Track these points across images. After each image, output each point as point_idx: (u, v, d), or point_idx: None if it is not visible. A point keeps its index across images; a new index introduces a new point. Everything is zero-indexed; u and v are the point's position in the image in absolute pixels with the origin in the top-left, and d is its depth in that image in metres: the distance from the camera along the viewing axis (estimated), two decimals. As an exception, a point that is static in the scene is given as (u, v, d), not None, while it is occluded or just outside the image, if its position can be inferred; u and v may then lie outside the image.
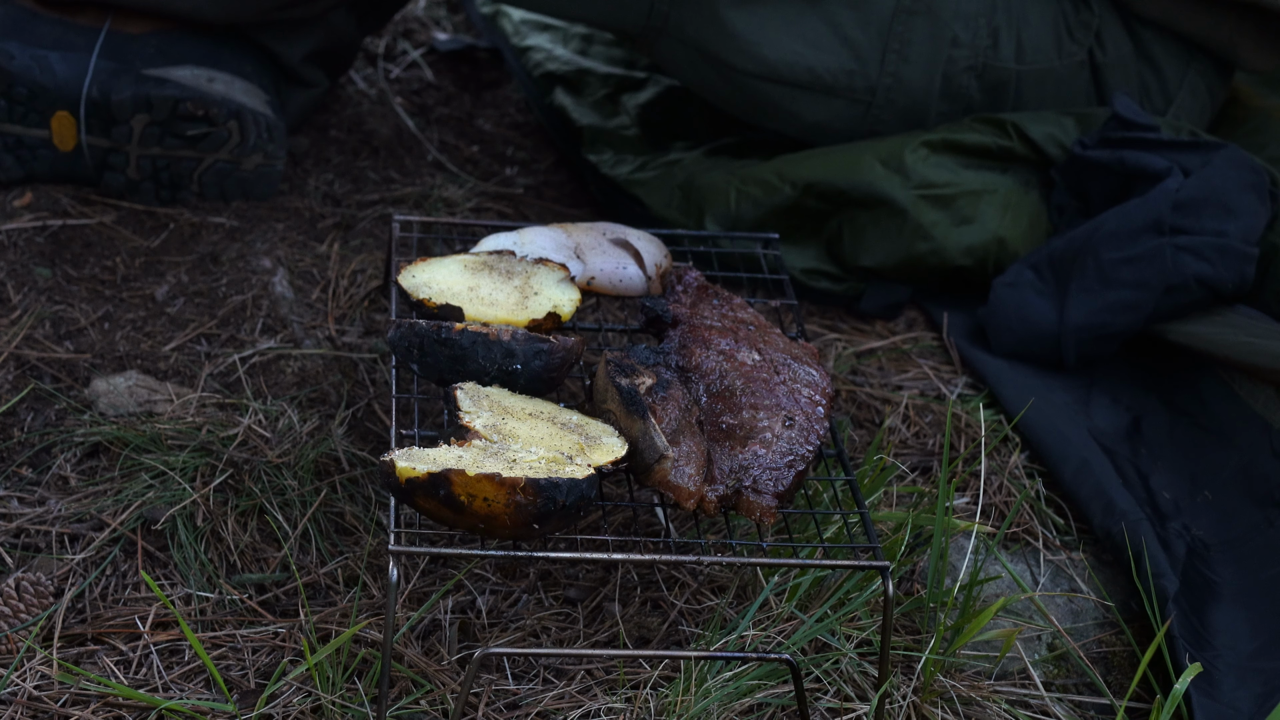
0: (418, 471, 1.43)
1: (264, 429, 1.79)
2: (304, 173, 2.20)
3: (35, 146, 2.04)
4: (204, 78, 2.03)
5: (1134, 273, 1.93)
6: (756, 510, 1.54)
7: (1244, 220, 1.96)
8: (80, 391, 1.83)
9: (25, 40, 2.02)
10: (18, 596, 1.60)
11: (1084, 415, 1.91)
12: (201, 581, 1.66)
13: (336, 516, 1.73)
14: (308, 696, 1.54)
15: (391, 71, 2.45)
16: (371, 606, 1.63)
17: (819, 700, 1.57)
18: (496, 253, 1.74)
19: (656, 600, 1.67)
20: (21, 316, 1.91)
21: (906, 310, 2.09)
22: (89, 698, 1.54)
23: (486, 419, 1.53)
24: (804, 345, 1.71)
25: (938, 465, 1.84)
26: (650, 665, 1.59)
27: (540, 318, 1.67)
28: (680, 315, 1.70)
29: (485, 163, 2.29)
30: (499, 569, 1.69)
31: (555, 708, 1.55)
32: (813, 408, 1.62)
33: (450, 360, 1.59)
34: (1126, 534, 1.74)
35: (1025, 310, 1.97)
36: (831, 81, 2.01)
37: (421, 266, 1.71)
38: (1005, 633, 1.64)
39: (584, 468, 1.48)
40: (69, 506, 1.71)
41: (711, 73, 2.03)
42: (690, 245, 1.99)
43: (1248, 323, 1.94)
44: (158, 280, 1.99)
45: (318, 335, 1.93)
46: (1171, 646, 1.64)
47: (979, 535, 1.72)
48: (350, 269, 2.03)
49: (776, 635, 1.61)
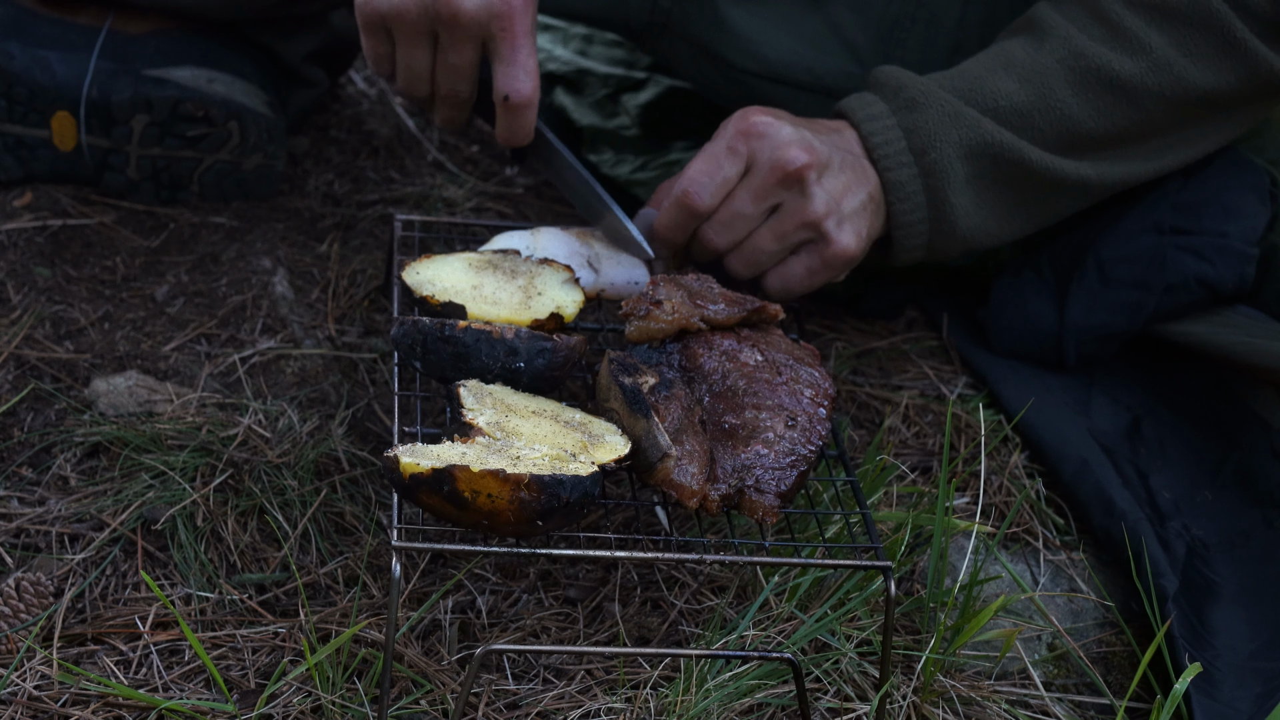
0: (422, 467, 1.43)
1: (264, 429, 1.79)
2: (304, 173, 2.20)
3: (35, 146, 2.04)
4: (204, 78, 2.03)
5: (1134, 273, 1.94)
6: (759, 510, 1.54)
7: (1244, 221, 1.96)
8: (80, 391, 1.83)
9: (25, 40, 2.02)
10: (18, 596, 1.60)
11: (1084, 415, 1.91)
12: (201, 581, 1.66)
13: (336, 516, 1.73)
14: (308, 696, 1.54)
15: (391, 72, 2.45)
16: (371, 606, 1.63)
17: (819, 700, 1.57)
18: (501, 252, 1.74)
19: (657, 600, 1.67)
20: (21, 316, 1.91)
21: (906, 310, 2.10)
22: (89, 698, 1.53)
23: (490, 416, 1.53)
24: (805, 346, 1.71)
25: (938, 465, 1.84)
26: (650, 665, 1.59)
27: (543, 318, 1.67)
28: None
29: (485, 163, 2.29)
30: (499, 569, 1.69)
31: (555, 708, 1.55)
32: (815, 408, 1.63)
33: (453, 358, 1.59)
34: (1126, 534, 1.74)
35: (1025, 310, 1.97)
36: (831, 83, 2.01)
37: (425, 264, 1.71)
38: (1005, 633, 1.64)
39: (587, 465, 1.48)
40: (69, 506, 1.71)
41: (712, 70, 2.03)
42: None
43: (1248, 323, 1.94)
44: (158, 280, 1.99)
45: (318, 335, 1.93)
46: (1171, 646, 1.64)
47: (979, 535, 1.72)
48: (350, 269, 2.03)
49: (777, 635, 1.61)
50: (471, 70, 1.79)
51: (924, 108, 1.81)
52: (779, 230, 1.77)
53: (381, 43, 1.81)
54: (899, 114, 1.82)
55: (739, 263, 1.79)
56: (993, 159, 1.82)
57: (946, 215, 1.82)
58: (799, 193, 1.75)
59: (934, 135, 1.80)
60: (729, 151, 1.76)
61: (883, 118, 1.82)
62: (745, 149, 1.76)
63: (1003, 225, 1.87)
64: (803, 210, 1.76)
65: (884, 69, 1.86)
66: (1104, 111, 1.83)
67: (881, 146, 1.81)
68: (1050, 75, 1.82)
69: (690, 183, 1.76)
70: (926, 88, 1.82)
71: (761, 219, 1.77)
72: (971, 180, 1.83)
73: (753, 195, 1.76)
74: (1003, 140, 1.81)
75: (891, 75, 1.85)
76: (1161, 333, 1.96)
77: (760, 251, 1.78)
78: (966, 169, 1.82)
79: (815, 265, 1.79)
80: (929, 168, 1.81)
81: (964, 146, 1.81)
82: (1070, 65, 1.82)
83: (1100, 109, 1.83)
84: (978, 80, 1.83)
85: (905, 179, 1.81)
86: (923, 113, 1.81)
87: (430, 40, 1.78)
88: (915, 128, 1.81)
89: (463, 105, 1.84)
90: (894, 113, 1.82)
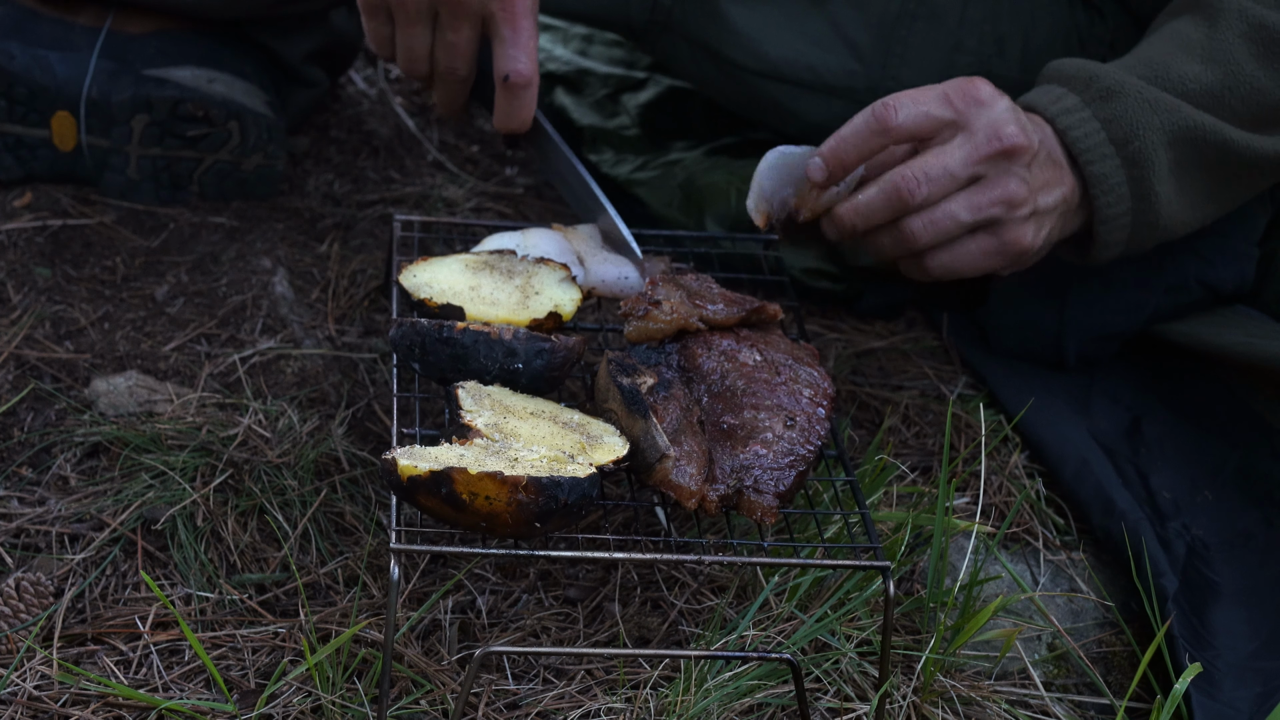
0: (420, 469, 1.43)
1: (264, 429, 1.79)
2: (304, 173, 2.20)
3: (35, 146, 2.04)
4: (204, 78, 2.03)
5: (1134, 273, 1.93)
6: (758, 510, 1.54)
7: (1244, 221, 1.96)
8: (80, 391, 1.83)
9: (25, 40, 2.02)
10: (18, 596, 1.60)
11: (1084, 415, 1.91)
12: (201, 581, 1.66)
13: (336, 516, 1.73)
14: (308, 696, 1.54)
15: (391, 71, 2.45)
16: (371, 606, 1.63)
17: (819, 700, 1.57)
18: (498, 252, 1.74)
19: (656, 600, 1.67)
20: (21, 316, 1.91)
21: (906, 310, 2.09)
22: (89, 698, 1.53)
23: (488, 418, 1.53)
24: (805, 346, 1.71)
25: (938, 465, 1.84)
26: (650, 665, 1.59)
27: (541, 317, 1.67)
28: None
29: (485, 163, 2.29)
30: (499, 569, 1.69)
31: (555, 708, 1.55)
32: (814, 408, 1.63)
33: (452, 359, 1.59)
34: (1126, 534, 1.74)
35: (1025, 310, 1.97)
36: (832, 81, 2.01)
37: (422, 266, 1.71)
38: (1005, 633, 1.64)
39: (586, 466, 1.48)
40: (69, 506, 1.71)
41: (713, 69, 2.03)
42: (691, 246, 1.99)
43: (1248, 323, 1.94)
44: (158, 280, 1.99)
45: (318, 335, 1.93)
46: (1171, 646, 1.64)
47: (979, 535, 1.72)
48: (350, 269, 2.03)
49: (776, 635, 1.61)
50: (469, 48, 1.79)
51: (1120, 96, 1.75)
52: (976, 201, 1.70)
53: (383, 24, 1.81)
54: (1093, 105, 1.75)
55: (921, 223, 1.71)
56: (1195, 143, 1.77)
57: (1151, 206, 1.77)
58: (1005, 170, 1.69)
59: (1135, 124, 1.75)
60: (943, 98, 1.69)
61: (1078, 110, 1.76)
62: (961, 107, 1.69)
63: (1200, 211, 1.82)
64: (1006, 187, 1.70)
65: (1063, 61, 1.80)
66: None
67: (1081, 140, 1.75)
68: (1234, 51, 1.77)
69: (895, 101, 1.69)
70: (1120, 76, 1.76)
71: (962, 185, 1.70)
72: (1174, 168, 1.77)
73: (965, 156, 1.69)
74: (1203, 123, 1.76)
75: (1077, 67, 1.78)
76: (1161, 333, 1.96)
77: (949, 218, 1.70)
78: (1170, 156, 1.76)
79: (992, 248, 1.73)
80: (1132, 158, 1.75)
81: (1167, 133, 1.75)
82: (1252, 38, 1.77)
83: None
84: (1161, 65, 1.78)
85: (1109, 171, 1.75)
86: (1120, 102, 1.75)
87: (430, 19, 1.78)
88: (1114, 118, 1.75)
89: (460, 85, 1.83)
90: (1088, 104, 1.76)
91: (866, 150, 1.71)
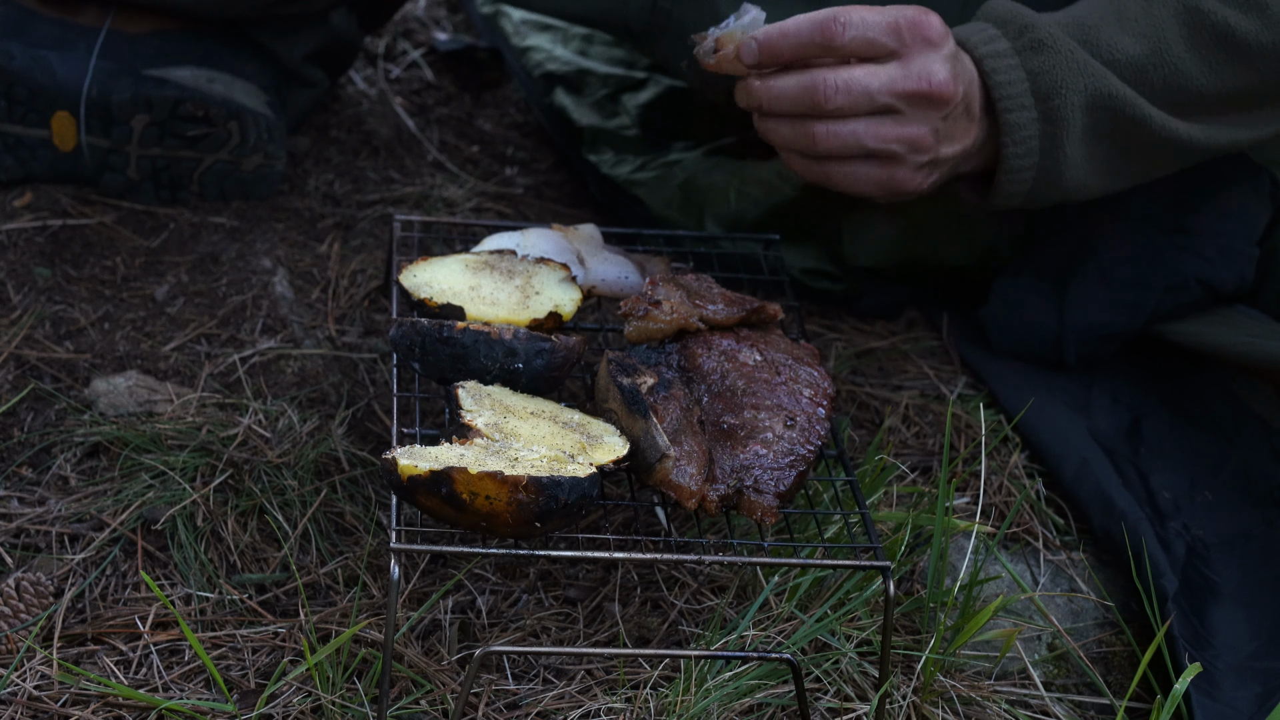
0: (420, 469, 1.43)
1: (264, 429, 1.79)
2: (304, 173, 2.20)
3: (35, 146, 2.04)
4: (204, 78, 2.03)
5: (1134, 273, 1.93)
6: (758, 510, 1.54)
7: (1244, 221, 1.96)
8: (80, 391, 1.83)
9: (25, 40, 2.02)
10: (18, 596, 1.60)
11: (1084, 415, 1.91)
12: (201, 581, 1.66)
13: (336, 516, 1.73)
14: (308, 696, 1.54)
15: (391, 71, 2.45)
16: (371, 606, 1.63)
17: (819, 700, 1.57)
18: (498, 252, 1.74)
19: (656, 600, 1.67)
20: (21, 316, 1.91)
21: (906, 310, 2.09)
22: (89, 698, 1.54)
23: (488, 417, 1.53)
24: (805, 346, 1.71)
25: (938, 465, 1.84)
26: (650, 665, 1.59)
27: (542, 317, 1.67)
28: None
29: (485, 163, 2.29)
30: (499, 569, 1.69)
31: (555, 708, 1.55)
32: (814, 408, 1.63)
33: (452, 359, 1.59)
34: (1126, 534, 1.74)
35: (1025, 310, 1.97)
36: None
37: (422, 266, 1.71)
38: (1005, 633, 1.64)
39: (586, 466, 1.48)
40: (69, 506, 1.71)
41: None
42: (691, 246, 1.99)
43: (1248, 323, 1.94)
44: (158, 280, 1.99)
45: (318, 335, 1.93)
46: (1171, 646, 1.64)
47: (979, 535, 1.72)
48: (350, 269, 2.03)
49: (776, 635, 1.61)
50: None
51: (1051, 51, 1.74)
52: (882, 132, 1.69)
53: None
54: (1023, 54, 1.74)
55: (824, 130, 1.69)
56: (1113, 113, 1.76)
57: (1057, 164, 1.77)
58: (921, 114, 1.69)
59: (1059, 82, 1.74)
60: (893, 29, 1.67)
61: (1007, 55, 1.74)
62: (908, 40, 1.67)
63: (1104, 180, 1.82)
64: (916, 130, 1.69)
65: (1001, 2, 1.78)
66: (1217, 70, 1.77)
67: (1004, 86, 1.74)
68: (1166, 30, 1.76)
69: (846, 18, 1.66)
70: (1052, 32, 1.75)
71: (875, 110, 1.68)
72: (1088, 132, 1.77)
73: (888, 83, 1.67)
74: (1125, 96, 1.75)
75: (1014, 12, 1.77)
76: (1161, 333, 1.96)
77: (852, 136, 1.69)
78: (1086, 120, 1.76)
79: (880, 179, 1.71)
80: (1050, 114, 1.75)
81: (1088, 96, 1.75)
82: (1186, 20, 1.76)
83: (1214, 67, 1.77)
84: (1094, 30, 1.77)
85: (1024, 122, 1.75)
86: (1049, 56, 1.74)
87: None
88: (1040, 71, 1.74)
89: None
90: (1018, 52, 1.75)
91: (803, 55, 1.69)
